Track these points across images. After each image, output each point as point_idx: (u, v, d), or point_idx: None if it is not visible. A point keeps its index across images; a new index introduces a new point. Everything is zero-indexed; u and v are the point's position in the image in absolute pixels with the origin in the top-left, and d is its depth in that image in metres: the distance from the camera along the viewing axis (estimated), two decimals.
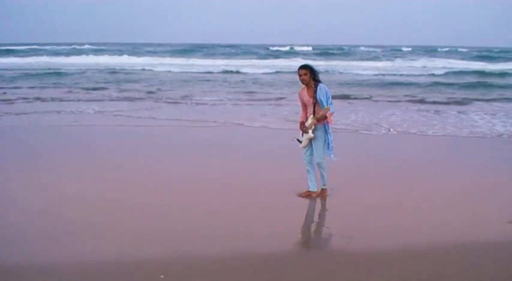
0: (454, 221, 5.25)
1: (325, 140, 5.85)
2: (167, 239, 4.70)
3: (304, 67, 5.78)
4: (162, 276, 3.90)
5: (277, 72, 30.24)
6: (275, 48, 61.93)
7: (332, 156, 5.90)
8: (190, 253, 4.41)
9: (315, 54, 52.90)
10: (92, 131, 10.71)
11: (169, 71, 30.39)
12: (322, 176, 5.98)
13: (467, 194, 6.18)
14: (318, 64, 35.39)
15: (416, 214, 5.47)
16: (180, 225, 5.08)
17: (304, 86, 5.84)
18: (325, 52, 55.14)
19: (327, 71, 28.46)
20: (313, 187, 5.98)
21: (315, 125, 5.76)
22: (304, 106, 5.91)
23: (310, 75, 5.73)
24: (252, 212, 5.48)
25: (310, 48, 61.93)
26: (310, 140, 5.85)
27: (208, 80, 24.75)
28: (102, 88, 20.35)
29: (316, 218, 5.52)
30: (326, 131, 5.83)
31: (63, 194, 6.08)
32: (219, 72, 29.72)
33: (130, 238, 4.74)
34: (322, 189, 6.04)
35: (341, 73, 29.74)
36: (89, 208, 5.57)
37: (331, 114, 5.76)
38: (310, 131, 5.78)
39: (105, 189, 6.30)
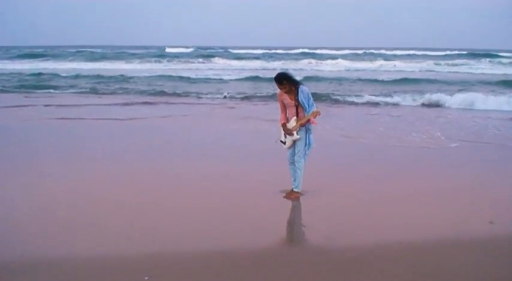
0: (435, 221, 5.30)
1: (305, 140, 5.87)
2: (151, 239, 4.73)
3: (281, 81, 5.70)
4: (146, 278, 3.92)
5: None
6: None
7: (307, 152, 5.91)
8: (174, 252, 4.45)
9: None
10: (83, 131, 10.78)
11: None
12: (295, 178, 5.94)
13: (449, 195, 6.23)
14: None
15: (396, 214, 5.52)
16: (164, 225, 5.12)
17: None
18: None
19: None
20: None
21: (300, 126, 5.78)
22: (284, 108, 5.92)
23: (289, 85, 5.73)
24: (234, 213, 5.52)
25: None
26: (295, 141, 5.88)
27: None
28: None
29: (297, 218, 5.57)
30: (307, 132, 5.86)
31: (56, 192, 6.18)
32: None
33: (115, 237, 4.79)
34: (293, 191, 6.00)
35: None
36: (78, 206, 5.65)
37: (316, 114, 5.76)
38: (294, 133, 5.82)
39: (93, 189, 6.34)
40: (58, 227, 5.00)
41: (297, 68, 33.78)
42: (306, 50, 59.09)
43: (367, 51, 58.89)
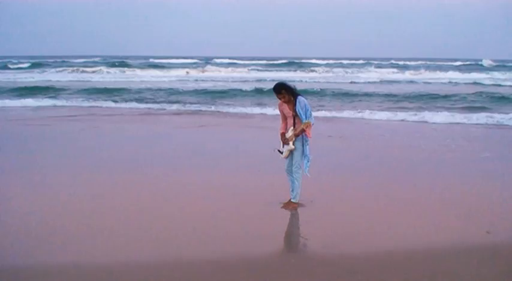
0: (432, 229, 5.33)
1: (303, 152, 5.90)
2: (149, 247, 4.76)
3: (279, 91, 5.78)
4: None
5: None
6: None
7: (306, 171, 5.94)
8: (171, 260, 4.49)
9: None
10: (90, 137, 11.03)
11: None
12: (295, 187, 5.95)
13: (446, 204, 6.26)
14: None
15: (394, 223, 5.53)
16: (162, 233, 5.14)
17: None
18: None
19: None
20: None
21: (295, 136, 5.83)
22: (284, 117, 5.99)
23: (288, 95, 5.80)
24: (232, 222, 5.54)
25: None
26: (291, 151, 5.91)
27: None
28: None
29: (294, 227, 5.60)
30: (303, 143, 5.89)
31: (59, 197, 6.33)
32: None
33: (119, 243, 4.85)
34: (290, 201, 6.01)
35: None
36: (82, 212, 5.76)
37: (310, 127, 5.80)
38: (290, 143, 5.84)
39: (96, 194, 6.48)
40: (58, 233, 5.08)
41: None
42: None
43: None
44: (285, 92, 5.78)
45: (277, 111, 6.21)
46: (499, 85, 29.27)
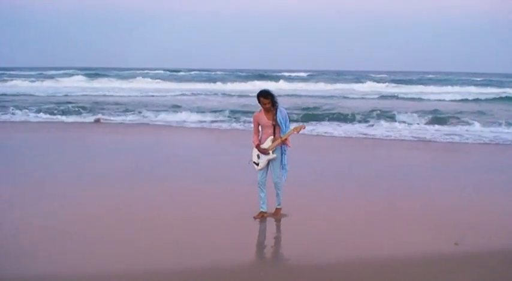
0: (401, 241, 5.43)
1: (281, 161, 5.98)
2: (127, 257, 4.79)
3: (266, 96, 5.84)
4: None
5: None
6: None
7: (284, 178, 6.04)
8: (146, 269, 4.50)
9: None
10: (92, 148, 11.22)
11: None
12: (277, 195, 6.09)
13: (416, 215, 6.40)
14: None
15: (364, 235, 5.60)
16: (139, 242, 5.18)
17: (261, 109, 5.96)
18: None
19: None
20: (265, 208, 6.10)
21: (282, 143, 5.89)
22: (257, 129, 6.03)
23: (271, 102, 5.86)
24: (209, 232, 5.57)
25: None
26: (268, 162, 5.96)
27: None
28: None
29: (267, 238, 5.64)
30: (283, 152, 5.98)
31: (39, 208, 6.36)
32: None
33: (98, 255, 4.87)
34: (277, 208, 6.16)
35: None
36: (60, 223, 5.79)
37: (300, 129, 5.93)
38: (270, 152, 5.90)
39: (72, 204, 6.54)
40: (50, 243, 5.13)
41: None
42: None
43: None
44: (271, 98, 5.84)
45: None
46: None
